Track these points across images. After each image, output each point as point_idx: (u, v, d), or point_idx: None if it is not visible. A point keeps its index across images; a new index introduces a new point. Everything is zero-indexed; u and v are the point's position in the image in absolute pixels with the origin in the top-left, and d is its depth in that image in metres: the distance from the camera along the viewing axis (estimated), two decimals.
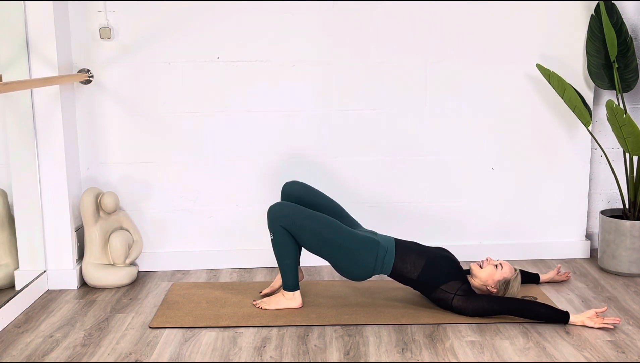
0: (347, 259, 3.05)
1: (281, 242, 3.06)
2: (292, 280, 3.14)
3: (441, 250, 3.20)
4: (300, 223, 3.03)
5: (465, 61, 3.69)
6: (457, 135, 3.76)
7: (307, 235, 3.04)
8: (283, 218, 3.04)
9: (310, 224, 3.04)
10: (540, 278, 3.46)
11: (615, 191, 3.96)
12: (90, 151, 3.67)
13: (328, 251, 3.05)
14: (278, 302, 3.16)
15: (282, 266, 3.12)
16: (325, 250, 3.05)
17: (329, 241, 3.03)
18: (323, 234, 3.03)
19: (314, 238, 3.04)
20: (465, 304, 3.00)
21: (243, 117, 3.68)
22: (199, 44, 3.60)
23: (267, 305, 3.16)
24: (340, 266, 3.09)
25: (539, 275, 3.47)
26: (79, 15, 3.53)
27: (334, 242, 3.03)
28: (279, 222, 3.04)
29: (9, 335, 2.95)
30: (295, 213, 3.05)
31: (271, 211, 3.08)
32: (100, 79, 3.60)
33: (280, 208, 3.07)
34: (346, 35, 3.63)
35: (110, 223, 3.60)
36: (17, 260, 3.42)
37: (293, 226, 3.03)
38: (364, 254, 3.05)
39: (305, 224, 3.03)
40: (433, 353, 2.72)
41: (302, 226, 3.03)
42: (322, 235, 3.03)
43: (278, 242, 3.07)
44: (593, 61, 3.65)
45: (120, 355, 2.75)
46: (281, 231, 3.05)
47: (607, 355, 2.68)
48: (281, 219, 3.04)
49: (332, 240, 3.03)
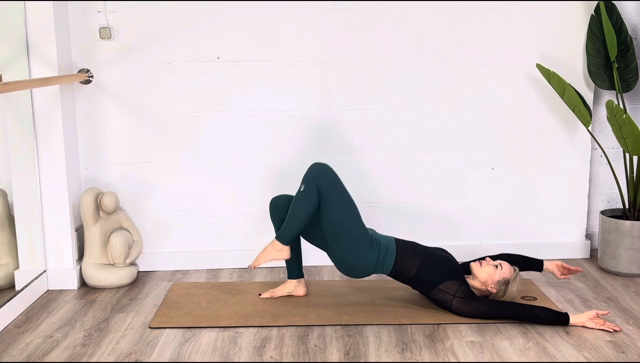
0: (351, 251, 3.05)
1: (307, 196, 3.07)
2: (291, 234, 3.13)
3: (439, 250, 3.20)
4: (334, 192, 3.06)
5: (465, 61, 3.69)
6: (457, 135, 3.76)
7: (333, 207, 3.05)
8: (323, 179, 3.07)
9: (342, 200, 3.07)
10: (544, 266, 3.33)
11: (615, 191, 3.96)
12: (90, 151, 3.67)
13: (338, 235, 3.05)
14: (267, 254, 3.17)
15: (291, 217, 3.11)
16: (337, 232, 3.05)
17: (346, 225, 3.05)
18: (345, 214, 3.05)
19: (336, 214, 3.05)
20: (464, 307, 3.00)
21: (243, 117, 3.68)
22: (199, 44, 3.60)
23: (257, 261, 3.18)
24: (342, 258, 3.08)
25: (543, 263, 3.33)
26: (79, 15, 3.53)
27: (349, 228, 3.05)
28: (317, 181, 3.06)
29: (9, 335, 2.95)
30: (335, 182, 3.09)
31: (315, 168, 3.11)
32: (100, 79, 3.61)
33: (325, 170, 3.10)
34: (346, 35, 3.63)
35: (110, 223, 3.60)
36: (17, 260, 3.42)
37: (327, 191, 3.05)
38: (368, 251, 3.05)
39: (338, 198, 3.06)
40: (433, 353, 2.73)
41: (334, 197, 3.06)
42: (345, 215, 3.05)
43: (305, 195, 3.07)
44: (593, 61, 3.66)
45: (120, 355, 2.75)
46: (314, 189, 3.06)
47: (607, 355, 2.68)
48: (320, 179, 3.07)
49: (349, 225, 3.05)
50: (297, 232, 3.13)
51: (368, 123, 3.72)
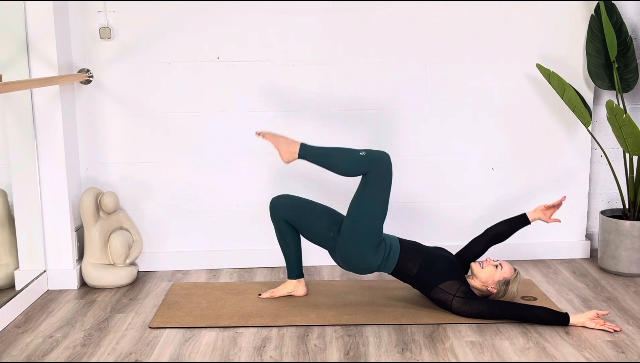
0: (361, 244, 3.04)
1: (355, 160, 3.05)
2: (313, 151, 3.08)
3: (440, 250, 3.21)
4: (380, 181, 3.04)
5: (465, 61, 3.69)
6: (457, 135, 3.76)
7: (370, 193, 3.04)
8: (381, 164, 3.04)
9: (380, 193, 3.05)
10: (530, 217, 3.26)
11: (615, 191, 3.96)
12: (90, 151, 3.67)
13: (357, 222, 3.04)
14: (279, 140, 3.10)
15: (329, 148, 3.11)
16: (358, 219, 3.04)
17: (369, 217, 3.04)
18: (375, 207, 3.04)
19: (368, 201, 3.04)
20: (464, 307, 3.00)
21: (243, 117, 3.68)
22: (199, 44, 3.60)
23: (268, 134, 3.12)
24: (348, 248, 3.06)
25: (527, 214, 3.27)
26: (79, 15, 3.53)
27: (369, 221, 3.04)
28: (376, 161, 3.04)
29: (9, 335, 2.95)
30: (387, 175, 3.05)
31: (384, 154, 3.07)
32: (100, 79, 3.60)
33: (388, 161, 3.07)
34: (346, 35, 3.63)
35: (110, 223, 3.60)
36: (17, 260, 3.42)
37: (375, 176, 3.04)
38: (376, 249, 3.06)
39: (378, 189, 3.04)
40: (433, 353, 2.73)
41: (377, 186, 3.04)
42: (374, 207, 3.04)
43: (356, 158, 3.05)
44: (593, 61, 3.66)
45: (120, 355, 2.75)
46: (366, 163, 3.04)
47: (607, 355, 2.68)
48: (379, 163, 3.04)
49: (372, 218, 3.05)
50: (318, 155, 3.06)
51: (368, 123, 3.71)
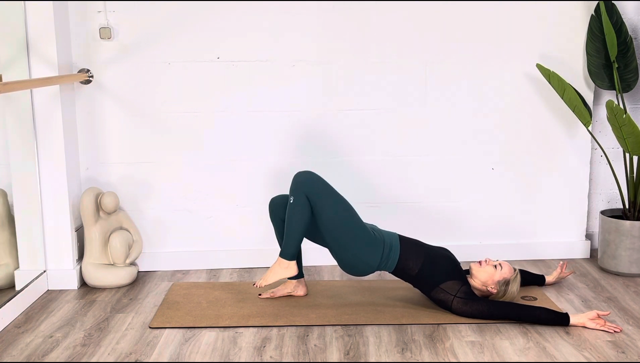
0: (354, 251, 3.04)
1: (298, 207, 3.05)
2: (293, 248, 3.12)
3: (442, 249, 3.20)
4: (323, 196, 3.04)
5: (465, 61, 3.69)
6: (457, 135, 3.76)
7: (327, 211, 3.03)
8: (309, 186, 3.04)
9: (333, 202, 3.04)
10: (546, 279, 3.42)
11: (615, 191, 3.96)
12: (90, 151, 3.67)
13: (338, 237, 3.04)
14: (275, 273, 3.14)
15: (289, 232, 3.09)
16: (336, 234, 3.04)
17: (344, 226, 3.03)
18: (340, 216, 3.03)
19: (331, 217, 3.03)
20: (464, 307, 3.00)
21: (243, 117, 3.68)
22: (199, 44, 3.60)
23: (266, 280, 3.15)
24: (345, 258, 3.07)
25: (545, 277, 3.43)
26: (79, 15, 3.53)
27: (347, 229, 3.03)
28: (303, 189, 3.04)
29: (9, 335, 2.95)
30: (322, 186, 3.06)
31: (299, 177, 3.08)
32: (100, 79, 3.61)
33: (309, 176, 3.08)
34: (346, 34, 3.63)
35: (110, 223, 3.60)
36: (17, 260, 3.42)
37: (316, 197, 3.03)
38: (371, 250, 3.05)
39: (328, 201, 3.04)
40: (433, 353, 2.73)
41: (325, 201, 3.03)
42: (340, 216, 3.03)
43: (296, 206, 3.05)
44: (593, 61, 3.66)
45: (120, 355, 2.75)
46: (303, 199, 3.04)
47: (607, 355, 2.68)
48: (306, 187, 3.04)
49: (347, 225, 3.03)
50: (298, 245, 3.12)
51: (368, 123, 3.71)
